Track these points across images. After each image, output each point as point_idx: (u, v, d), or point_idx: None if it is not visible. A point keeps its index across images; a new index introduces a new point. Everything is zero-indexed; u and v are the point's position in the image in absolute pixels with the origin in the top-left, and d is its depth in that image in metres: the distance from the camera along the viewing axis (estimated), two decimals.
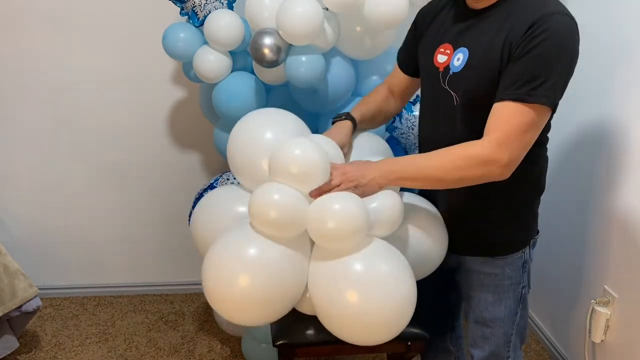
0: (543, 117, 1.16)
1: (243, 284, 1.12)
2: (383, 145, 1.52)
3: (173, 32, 1.83)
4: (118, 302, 2.55)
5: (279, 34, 1.57)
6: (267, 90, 1.86)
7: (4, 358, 2.06)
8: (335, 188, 1.19)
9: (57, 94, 2.29)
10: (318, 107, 1.81)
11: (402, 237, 1.31)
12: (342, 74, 1.75)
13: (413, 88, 1.51)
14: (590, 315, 1.85)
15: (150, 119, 2.36)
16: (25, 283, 1.98)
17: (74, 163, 2.39)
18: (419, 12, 1.43)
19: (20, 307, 1.96)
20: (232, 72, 1.84)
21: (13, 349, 2.03)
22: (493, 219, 1.33)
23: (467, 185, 1.21)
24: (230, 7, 1.83)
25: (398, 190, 1.30)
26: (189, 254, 2.43)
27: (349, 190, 1.19)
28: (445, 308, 1.59)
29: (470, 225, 1.36)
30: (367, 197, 1.21)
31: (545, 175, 1.36)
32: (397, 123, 1.81)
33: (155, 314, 2.47)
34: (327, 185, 1.19)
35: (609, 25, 1.82)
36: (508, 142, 1.13)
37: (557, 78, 1.13)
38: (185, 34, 1.82)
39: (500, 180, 1.24)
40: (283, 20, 1.53)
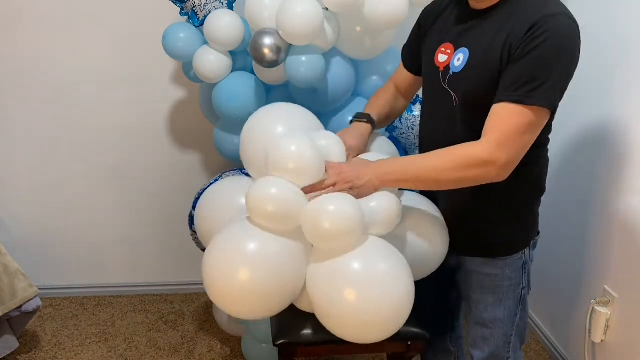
0: (542, 118, 1.15)
1: (243, 278, 1.12)
2: (392, 149, 1.53)
3: (173, 32, 1.83)
4: (118, 302, 2.55)
5: (279, 34, 1.57)
6: (267, 90, 1.86)
7: (4, 358, 2.06)
8: (331, 188, 1.19)
9: (57, 94, 2.29)
10: (318, 107, 1.80)
11: (403, 237, 1.31)
12: (342, 74, 1.75)
13: (417, 86, 1.51)
14: (590, 315, 1.85)
15: (150, 119, 2.36)
16: (25, 283, 1.98)
17: (74, 163, 2.39)
18: (423, 11, 1.43)
19: (20, 307, 1.96)
20: (232, 72, 1.84)
21: (13, 349, 2.03)
22: (493, 219, 1.33)
23: (465, 187, 1.21)
24: (230, 7, 1.83)
25: (396, 190, 1.29)
26: (189, 254, 2.42)
27: (344, 191, 1.19)
28: (446, 308, 1.59)
29: (470, 226, 1.36)
30: (363, 198, 1.21)
31: (546, 176, 1.36)
32: (397, 123, 1.81)
33: (155, 314, 2.47)
34: (321, 184, 1.19)
35: (609, 25, 1.82)
36: (506, 143, 1.13)
37: (556, 80, 1.12)
38: (185, 34, 1.82)
39: (501, 182, 1.24)
40: (283, 20, 1.53)
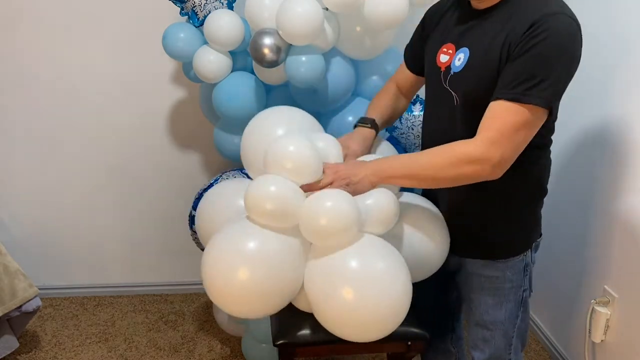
0: (538, 117, 1.14)
1: (242, 277, 1.12)
2: (393, 153, 1.53)
3: (173, 32, 1.83)
4: (118, 302, 2.55)
5: (279, 34, 1.57)
6: (267, 90, 1.86)
7: (4, 358, 2.06)
8: (328, 186, 1.20)
9: (56, 94, 2.28)
10: (318, 107, 1.81)
11: (402, 236, 1.31)
12: (342, 74, 1.75)
13: (418, 86, 1.52)
14: (590, 315, 1.84)
15: (150, 119, 2.36)
16: (25, 283, 1.98)
17: (74, 163, 2.39)
18: (427, 12, 1.43)
19: (20, 307, 1.96)
20: (232, 72, 1.84)
21: (13, 349, 2.03)
22: (493, 220, 1.33)
23: (460, 185, 1.20)
24: (230, 7, 1.83)
25: (396, 190, 1.29)
26: (189, 254, 2.43)
27: (341, 189, 1.19)
28: (446, 309, 1.59)
29: (471, 226, 1.35)
30: (359, 195, 1.21)
31: (548, 178, 1.35)
32: (397, 123, 1.81)
33: (155, 314, 2.47)
34: (318, 183, 1.20)
35: (609, 25, 1.82)
36: (500, 141, 1.12)
37: (555, 79, 1.11)
38: (185, 34, 1.82)
39: (500, 181, 1.23)
40: (283, 20, 1.53)
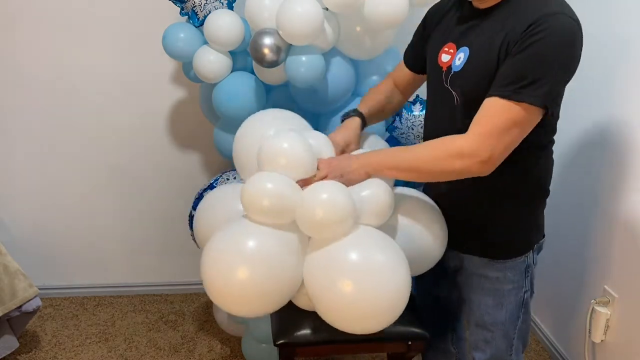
0: (531, 116, 1.13)
1: (242, 276, 1.12)
2: (384, 145, 1.52)
3: (173, 32, 1.83)
4: (118, 302, 2.55)
5: (279, 34, 1.57)
6: (267, 90, 1.86)
7: (4, 358, 2.06)
8: (323, 179, 1.21)
9: (56, 94, 2.28)
10: (318, 107, 1.81)
11: (401, 230, 1.31)
12: (342, 74, 1.75)
13: (416, 84, 1.52)
14: (590, 315, 1.85)
15: (150, 119, 2.36)
16: (25, 283, 1.98)
17: (74, 163, 2.39)
18: (428, 11, 1.43)
19: (20, 307, 1.96)
20: (232, 72, 1.84)
21: (13, 349, 2.03)
22: (493, 220, 1.33)
23: (451, 179, 1.21)
24: (230, 7, 1.83)
25: (391, 183, 1.30)
26: (189, 254, 2.43)
27: (335, 180, 1.20)
28: (447, 309, 1.59)
29: (471, 223, 1.35)
30: (354, 185, 1.22)
31: (549, 179, 1.35)
32: (397, 123, 1.81)
33: (155, 314, 2.47)
34: (313, 178, 1.21)
35: (610, 25, 1.82)
36: (490, 138, 1.12)
37: (551, 79, 1.11)
38: (185, 34, 1.82)
39: (500, 181, 1.24)
40: (283, 20, 1.53)
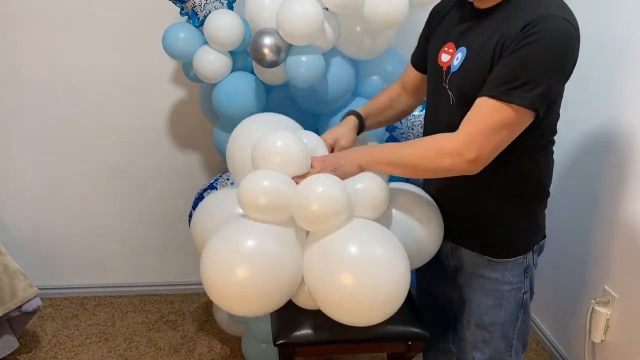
0: (520, 118, 1.13)
1: (241, 276, 1.13)
2: None
3: (173, 32, 1.83)
4: (118, 302, 2.55)
5: (279, 34, 1.57)
6: (267, 90, 1.86)
7: (4, 358, 2.06)
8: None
9: (56, 94, 2.28)
10: (318, 107, 1.81)
11: (398, 223, 1.32)
12: (342, 74, 1.75)
13: (425, 85, 1.51)
14: (590, 315, 1.85)
15: (150, 119, 2.36)
16: (25, 283, 1.98)
17: (74, 163, 2.39)
18: (431, 11, 1.42)
19: (20, 307, 1.96)
20: (232, 72, 1.84)
21: (13, 349, 2.03)
22: (492, 219, 1.33)
23: (441, 177, 1.22)
24: (230, 7, 1.83)
25: (386, 177, 1.31)
26: (189, 254, 2.43)
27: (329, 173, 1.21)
28: (447, 308, 1.58)
29: (470, 221, 1.35)
30: (348, 178, 1.23)
31: (549, 180, 1.35)
32: (397, 123, 1.81)
33: (155, 314, 2.47)
34: (307, 175, 1.22)
35: (610, 25, 1.82)
36: (478, 138, 1.13)
37: (543, 81, 1.10)
38: (185, 34, 1.82)
39: (499, 181, 1.24)
40: (283, 20, 1.53)
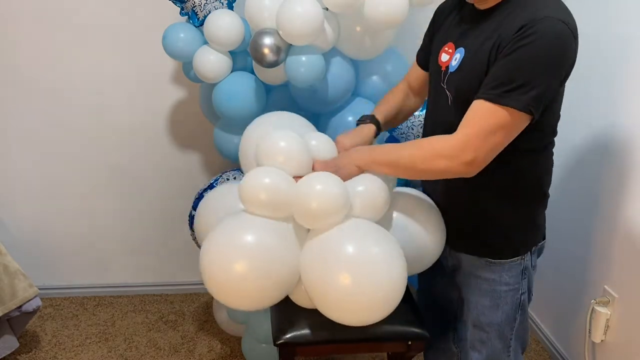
0: (516, 121, 1.12)
1: (241, 270, 1.13)
2: None
3: (173, 32, 1.83)
4: (118, 302, 2.56)
5: (279, 34, 1.57)
6: (267, 90, 1.86)
7: (4, 358, 2.06)
8: None
9: (56, 94, 2.28)
10: (318, 107, 1.81)
11: (399, 229, 1.32)
12: (342, 74, 1.75)
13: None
14: (590, 315, 1.85)
15: (150, 119, 2.35)
16: (25, 283, 1.98)
17: (74, 163, 2.39)
18: (436, 10, 1.43)
19: (20, 307, 1.96)
20: (232, 72, 1.84)
21: (13, 349, 2.03)
22: (492, 219, 1.33)
23: (438, 178, 1.22)
24: (230, 7, 1.83)
25: (391, 183, 1.31)
26: (189, 254, 2.43)
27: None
28: (447, 308, 1.58)
29: (468, 222, 1.35)
30: (350, 181, 1.24)
31: (549, 181, 1.35)
32: None
33: (155, 314, 2.47)
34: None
35: (610, 25, 1.81)
36: (474, 140, 1.13)
37: (538, 84, 1.09)
38: (185, 34, 1.82)
39: (499, 182, 1.25)
40: (283, 20, 1.53)
